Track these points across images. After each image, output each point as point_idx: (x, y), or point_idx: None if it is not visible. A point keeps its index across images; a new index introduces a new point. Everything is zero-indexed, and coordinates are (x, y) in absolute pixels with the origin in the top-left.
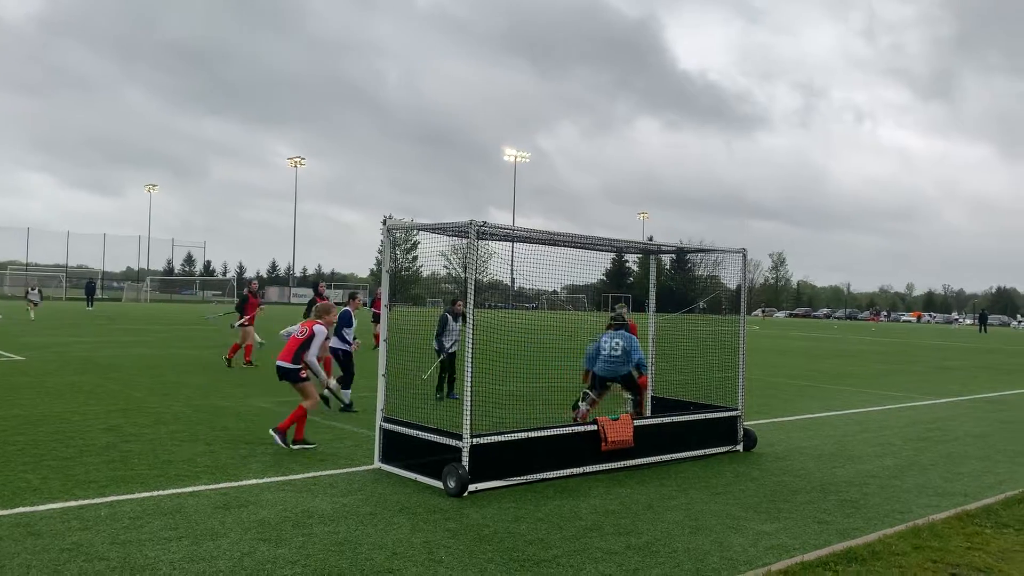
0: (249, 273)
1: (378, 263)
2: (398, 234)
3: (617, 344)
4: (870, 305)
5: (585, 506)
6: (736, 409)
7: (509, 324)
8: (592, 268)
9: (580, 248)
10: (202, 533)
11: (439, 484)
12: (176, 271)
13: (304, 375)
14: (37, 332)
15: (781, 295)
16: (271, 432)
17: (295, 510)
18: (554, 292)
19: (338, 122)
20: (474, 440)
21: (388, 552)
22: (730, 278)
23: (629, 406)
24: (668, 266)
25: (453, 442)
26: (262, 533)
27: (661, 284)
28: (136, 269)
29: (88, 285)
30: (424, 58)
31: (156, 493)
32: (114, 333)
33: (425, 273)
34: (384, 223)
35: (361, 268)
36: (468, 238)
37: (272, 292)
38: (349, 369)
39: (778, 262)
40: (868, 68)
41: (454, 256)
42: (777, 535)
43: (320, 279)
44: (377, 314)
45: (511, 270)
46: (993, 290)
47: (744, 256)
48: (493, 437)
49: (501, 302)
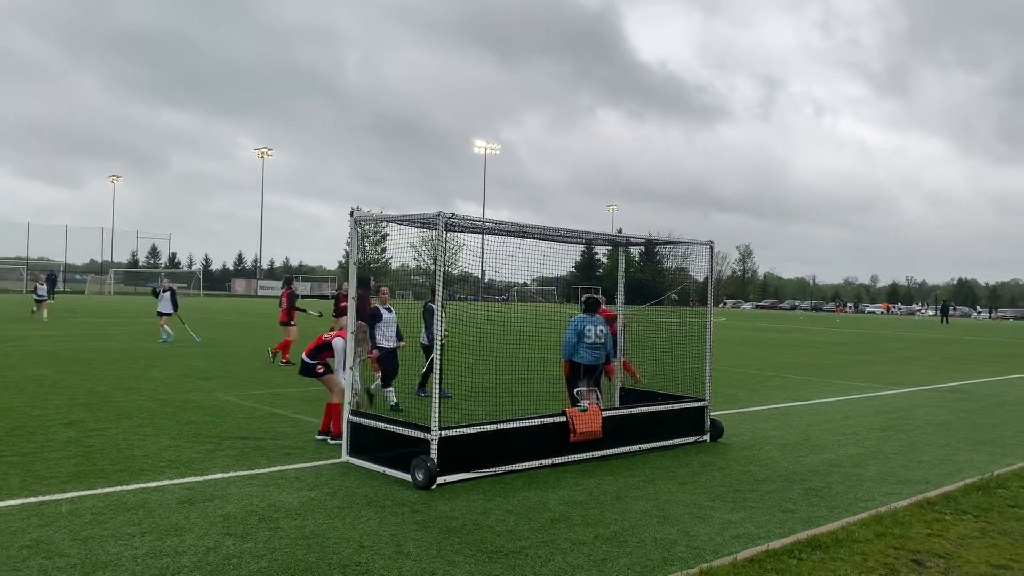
0: (216, 265)
1: (346, 255)
2: (366, 226)
3: (601, 331)
4: (835, 297)
5: (554, 497)
6: (703, 400)
7: (479, 316)
8: (562, 260)
9: (549, 240)
10: (166, 528)
11: (407, 477)
12: (141, 263)
13: (320, 370)
14: None
15: (748, 287)
16: (317, 439)
17: (261, 504)
18: (524, 284)
19: (297, 112)
20: (443, 432)
21: (356, 545)
22: (698, 270)
23: (595, 396)
24: (637, 258)
25: (422, 435)
26: (228, 528)
27: (630, 276)
28: (99, 261)
29: (49, 277)
30: (382, 47)
31: (119, 488)
32: (76, 326)
33: (394, 265)
34: (352, 215)
35: (328, 261)
36: (437, 230)
37: (239, 285)
38: (386, 368)
39: (745, 254)
40: (826, 61)
41: (423, 248)
42: (743, 524)
43: (290, 272)
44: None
45: (481, 262)
46: (955, 282)
47: (711, 248)
48: (462, 429)
49: (471, 294)
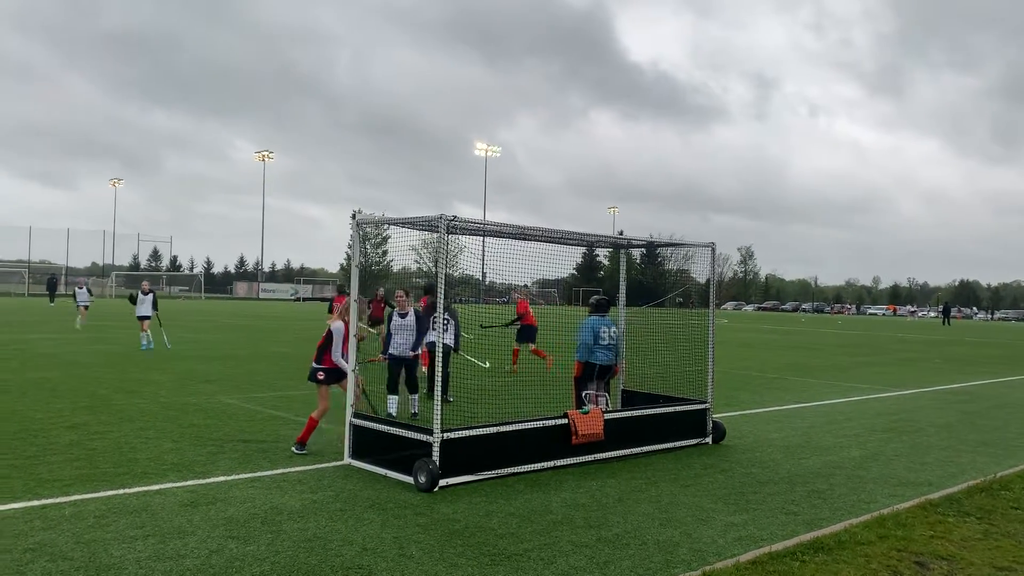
0: (217, 268)
1: (347, 258)
2: (368, 229)
3: (613, 332)
4: (837, 299)
5: (556, 500)
6: (705, 402)
7: (480, 318)
8: (563, 262)
9: (550, 242)
10: (169, 531)
11: (410, 479)
12: (142, 266)
13: (320, 376)
14: None
15: (750, 289)
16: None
17: (264, 507)
18: (525, 286)
19: (287, 113)
20: (445, 435)
21: (358, 548)
22: (700, 272)
23: (604, 401)
24: (638, 260)
25: (424, 437)
26: (230, 531)
27: (631, 278)
28: (101, 264)
29: (50, 281)
30: (370, 47)
31: (122, 491)
32: (78, 329)
33: (396, 268)
34: (353, 217)
35: (329, 263)
36: (438, 232)
37: (241, 288)
38: (392, 377)
39: (746, 256)
40: (819, 62)
41: (425, 251)
42: (745, 526)
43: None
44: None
45: (482, 264)
46: (956, 283)
47: (713, 250)
48: (464, 432)
49: (472, 296)
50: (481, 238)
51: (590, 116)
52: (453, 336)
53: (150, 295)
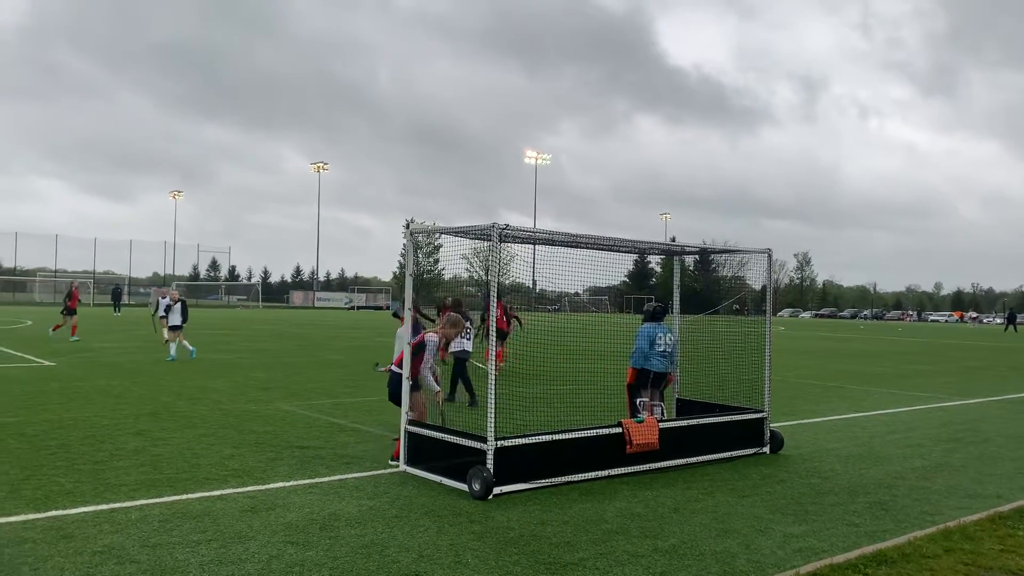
0: (274, 278)
1: (400, 267)
2: (420, 238)
3: (670, 339)
4: (897, 305)
5: (611, 509)
6: (762, 411)
7: (531, 326)
8: (614, 270)
9: (602, 250)
10: (230, 536)
11: (464, 487)
12: (202, 276)
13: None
14: (68, 338)
15: (807, 295)
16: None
17: (322, 513)
18: (576, 294)
19: (334, 124)
20: (498, 443)
21: (415, 555)
22: (755, 279)
23: (660, 411)
24: (691, 267)
25: (478, 445)
26: (290, 536)
27: (685, 285)
28: (162, 275)
29: (114, 291)
30: (412, 57)
31: (185, 496)
32: (141, 338)
33: (447, 276)
34: (407, 227)
35: (382, 272)
36: (490, 241)
37: (297, 297)
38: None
39: (803, 262)
40: (867, 63)
41: (476, 259)
42: (805, 537)
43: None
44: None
45: (532, 272)
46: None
47: (769, 256)
48: (517, 440)
49: (523, 304)
50: (532, 246)
51: (634, 121)
52: (469, 342)
53: (179, 303)
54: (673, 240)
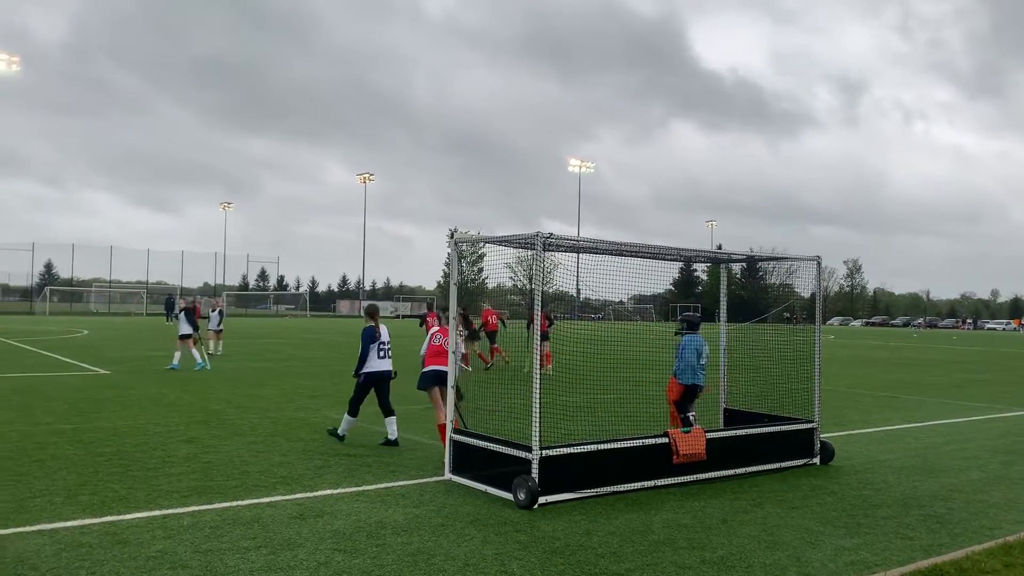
0: (321, 287)
1: (444, 275)
2: (464, 247)
3: (707, 351)
4: (951, 313)
5: (657, 520)
6: (812, 421)
7: (575, 335)
8: (659, 278)
9: (647, 258)
10: (280, 543)
11: (509, 496)
12: (251, 286)
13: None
14: (121, 347)
15: (857, 303)
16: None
17: (369, 521)
18: (620, 302)
19: (373, 134)
20: (543, 452)
21: (460, 563)
22: (804, 286)
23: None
24: (738, 275)
25: (522, 454)
26: (337, 543)
27: (732, 293)
28: (213, 285)
29: (167, 300)
30: (447, 68)
31: (235, 503)
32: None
33: (491, 285)
34: (451, 236)
35: (426, 281)
36: (534, 250)
37: (344, 306)
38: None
39: (853, 269)
40: (909, 65)
41: (519, 267)
42: (857, 550)
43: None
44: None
45: (576, 280)
46: None
47: (819, 264)
48: (562, 449)
49: (567, 313)
50: (575, 255)
51: (671, 127)
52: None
53: (184, 312)
54: (719, 247)
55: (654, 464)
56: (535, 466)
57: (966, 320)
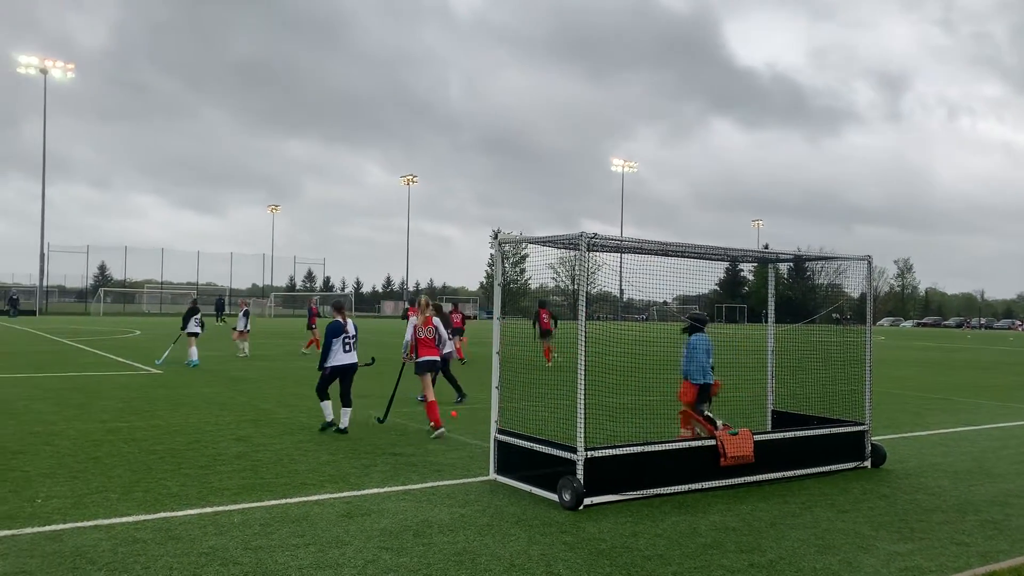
0: (365, 289)
1: (487, 276)
2: (506, 247)
3: (712, 349)
4: (1008, 313)
5: (704, 522)
6: (863, 423)
7: (620, 336)
8: (704, 278)
9: (692, 258)
10: (328, 541)
11: (554, 497)
12: (297, 287)
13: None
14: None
15: (908, 303)
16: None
17: (415, 520)
18: (664, 303)
19: (411, 136)
20: (589, 453)
21: (506, 563)
22: (853, 286)
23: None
24: (785, 275)
25: (567, 455)
26: (384, 542)
27: (779, 294)
28: (260, 286)
29: (218, 301)
30: (480, 68)
31: (284, 501)
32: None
33: (534, 285)
34: (495, 236)
35: (468, 281)
36: (578, 250)
37: (388, 306)
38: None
39: (904, 269)
40: (952, 59)
41: (562, 268)
42: (911, 556)
43: (417, 293)
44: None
45: (619, 281)
46: None
47: (869, 264)
48: (608, 451)
49: (610, 313)
50: (619, 255)
51: (709, 125)
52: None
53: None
54: (766, 247)
55: (701, 466)
56: (580, 467)
57: (1017, 323)
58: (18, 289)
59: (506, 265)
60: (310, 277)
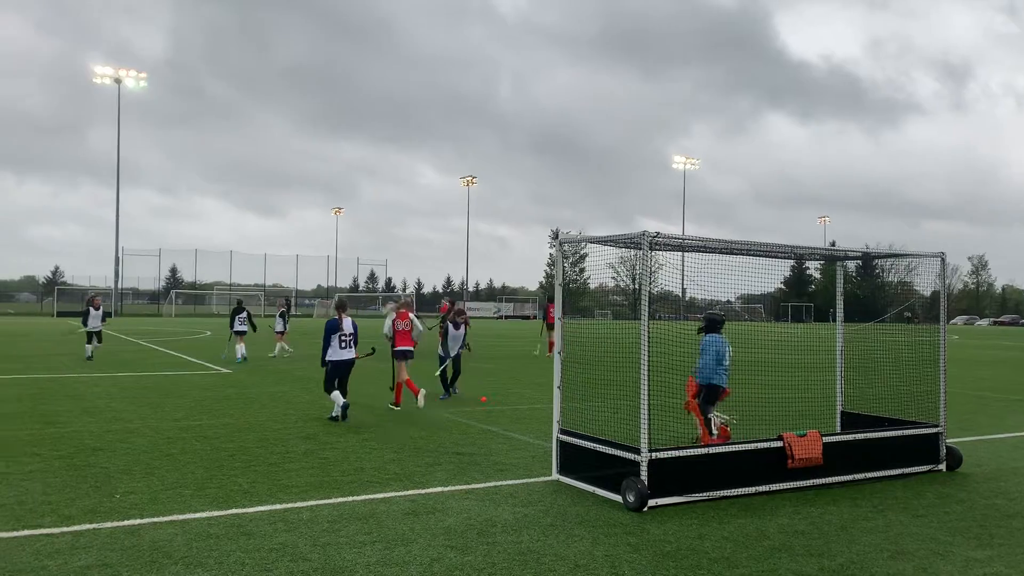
0: (426, 289)
1: (547, 276)
2: (566, 247)
3: (730, 352)
4: None
5: (772, 525)
6: (937, 425)
7: (683, 336)
8: (769, 276)
9: (757, 256)
10: (394, 538)
11: (617, 498)
12: (360, 288)
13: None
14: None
15: (983, 301)
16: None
17: (479, 519)
18: (728, 302)
19: (463, 137)
20: (652, 454)
21: (571, 564)
22: (924, 284)
23: (716, 423)
24: (853, 273)
25: (631, 456)
26: (449, 540)
27: (847, 292)
28: (325, 287)
29: (284, 302)
30: (529, 68)
31: (351, 499)
32: (307, 347)
33: (593, 285)
34: (555, 236)
35: (527, 281)
36: (640, 249)
37: (446, 307)
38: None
39: (979, 266)
40: (1020, 47)
41: (622, 267)
42: (990, 563)
43: (453, 295)
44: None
45: (682, 280)
46: None
47: (943, 261)
48: (672, 452)
49: (672, 313)
50: (681, 253)
51: (764, 120)
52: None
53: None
54: (833, 244)
55: (767, 468)
56: (644, 468)
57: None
58: (94, 291)
59: (566, 265)
60: (372, 278)
